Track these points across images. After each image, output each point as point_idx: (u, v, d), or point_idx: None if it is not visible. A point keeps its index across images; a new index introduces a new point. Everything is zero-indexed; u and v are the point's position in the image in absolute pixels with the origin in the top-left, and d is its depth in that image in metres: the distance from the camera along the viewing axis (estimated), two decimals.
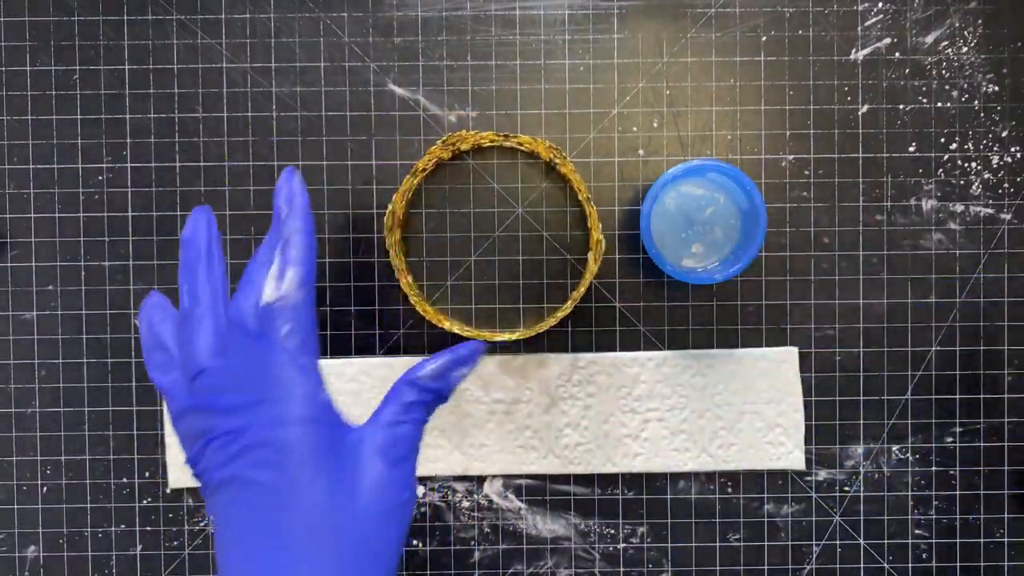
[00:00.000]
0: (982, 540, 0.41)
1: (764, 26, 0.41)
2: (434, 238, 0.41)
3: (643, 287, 0.41)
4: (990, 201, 0.41)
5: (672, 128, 0.41)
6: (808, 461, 0.41)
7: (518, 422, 0.41)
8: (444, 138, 0.40)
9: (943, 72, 0.41)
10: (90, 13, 0.41)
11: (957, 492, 0.41)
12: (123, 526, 0.41)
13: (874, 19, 0.41)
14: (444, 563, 0.41)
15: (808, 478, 0.41)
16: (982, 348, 0.41)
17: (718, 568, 0.41)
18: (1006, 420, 0.41)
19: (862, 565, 0.41)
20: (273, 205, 0.31)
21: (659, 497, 0.41)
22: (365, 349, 0.41)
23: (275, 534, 0.26)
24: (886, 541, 0.41)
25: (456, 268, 0.41)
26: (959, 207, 0.41)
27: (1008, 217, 0.41)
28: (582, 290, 0.40)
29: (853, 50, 0.41)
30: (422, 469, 0.41)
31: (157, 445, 0.41)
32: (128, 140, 0.41)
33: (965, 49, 0.41)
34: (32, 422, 0.41)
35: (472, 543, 0.41)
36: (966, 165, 0.41)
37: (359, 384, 0.41)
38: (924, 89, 0.41)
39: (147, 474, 0.41)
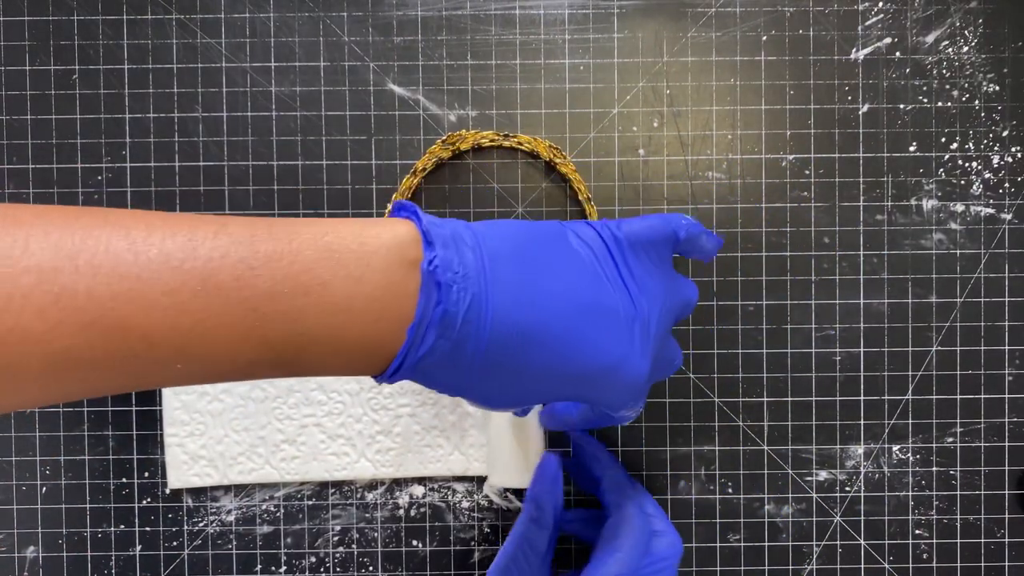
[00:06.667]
0: (983, 540, 0.41)
1: (764, 26, 0.41)
2: None
3: None
4: (991, 201, 0.41)
5: (672, 128, 0.41)
6: (808, 461, 0.41)
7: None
8: (444, 138, 0.40)
9: (943, 72, 0.41)
10: (89, 13, 0.41)
11: (957, 492, 0.41)
12: (122, 526, 0.41)
13: (875, 19, 0.41)
14: (444, 563, 0.41)
15: (808, 478, 0.41)
16: (982, 348, 0.41)
17: (718, 568, 0.41)
18: (1006, 420, 0.41)
19: (862, 565, 0.41)
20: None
21: (659, 497, 0.41)
22: None
23: None
24: (886, 541, 0.41)
25: None
26: (959, 207, 0.41)
27: (1009, 217, 0.41)
28: None
29: (853, 50, 0.41)
30: (422, 469, 0.41)
31: (156, 445, 0.41)
32: (127, 140, 0.41)
33: (966, 49, 0.41)
34: (32, 422, 0.41)
35: (472, 543, 0.41)
36: (967, 165, 0.41)
37: (359, 384, 0.41)
38: (924, 89, 0.41)
39: (146, 474, 0.41)
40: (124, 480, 0.41)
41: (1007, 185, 0.41)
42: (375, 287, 0.23)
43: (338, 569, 0.41)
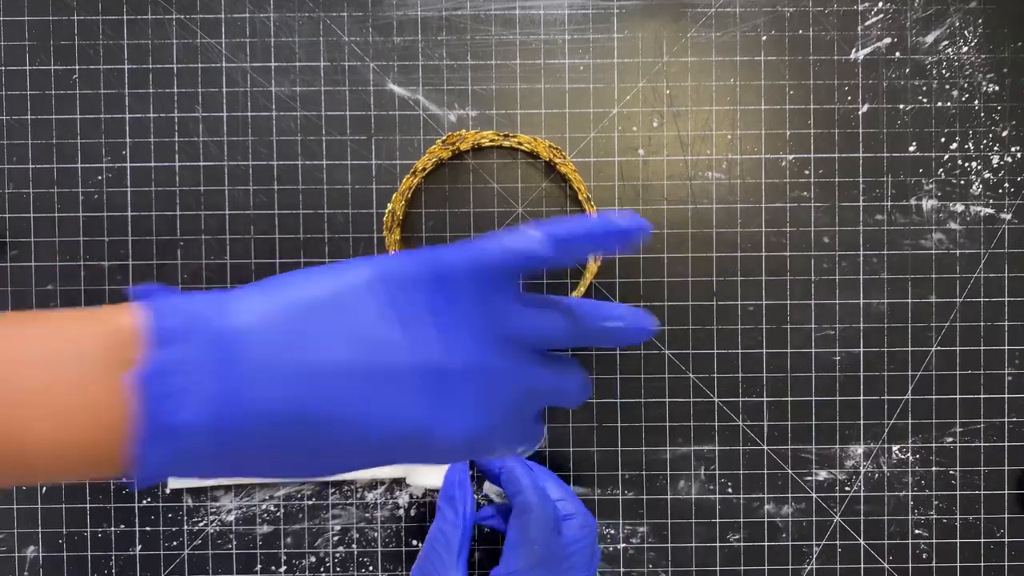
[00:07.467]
0: (982, 540, 0.41)
1: (764, 26, 0.41)
2: (434, 238, 0.41)
3: (643, 287, 0.41)
4: (990, 201, 0.41)
5: (672, 128, 0.41)
6: (808, 461, 0.41)
7: None
8: (444, 138, 0.40)
9: (943, 72, 0.41)
10: (90, 12, 0.41)
11: (957, 492, 0.41)
12: (122, 526, 0.41)
13: (874, 19, 0.41)
14: None
15: (808, 478, 0.41)
16: (982, 348, 0.41)
17: (718, 568, 0.41)
18: (1006, 420, 0.41)
19: (862, 565, 0.41)
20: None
21: (659, 497, 0.41)
22: None
23: None
24: (886, 541, 0.41)
25: None
26: (959, 207, 0.41)
27: (1008, 217, 0.41)
28: (582, 290, 0.40)
29: (853, 50, 0.41)
30: (422, 469, 0.41)
31: None
32: (127, 140, 0.41)
33: (965, 49, 0.41)
34: None
35: (472, 542, 0.41)
36: (966, 165, 0.41)
37: None
38: (924, 89, 0.41)
39: None
40: (124, 480, 0.41)
41: (1007, 185, 0.41)
42: (95, 396, 0.20)
43: (338, 569, 0.41)
